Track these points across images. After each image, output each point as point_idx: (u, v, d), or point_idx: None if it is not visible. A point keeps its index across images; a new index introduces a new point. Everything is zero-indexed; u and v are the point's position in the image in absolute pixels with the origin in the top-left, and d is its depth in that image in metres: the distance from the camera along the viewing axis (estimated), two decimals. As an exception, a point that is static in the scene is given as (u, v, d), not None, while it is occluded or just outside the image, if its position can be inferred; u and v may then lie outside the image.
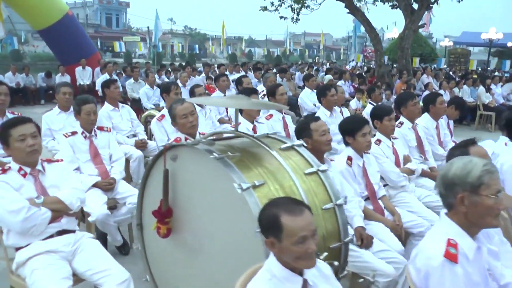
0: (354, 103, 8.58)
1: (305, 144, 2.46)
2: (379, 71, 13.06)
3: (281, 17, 16.16)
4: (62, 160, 2.87)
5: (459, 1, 14.45)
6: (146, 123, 5.93)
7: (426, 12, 15.15)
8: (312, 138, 2.88)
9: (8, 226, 2.45)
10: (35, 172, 2.63)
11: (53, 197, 2.55)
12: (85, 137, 3.88)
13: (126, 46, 37.33)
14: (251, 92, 4.26)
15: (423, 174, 4.35)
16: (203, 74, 11.47)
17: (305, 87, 7.83)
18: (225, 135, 2.62)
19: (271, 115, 4.67)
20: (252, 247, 1.92)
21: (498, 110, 10.87)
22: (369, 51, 41.95)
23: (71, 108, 5.00)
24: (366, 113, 6.52)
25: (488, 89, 11.23)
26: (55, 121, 4.91)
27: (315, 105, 7.86)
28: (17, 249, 2.52)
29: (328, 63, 29.73)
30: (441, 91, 11.44)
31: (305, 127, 2.93)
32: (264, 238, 1.74)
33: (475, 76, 14.20)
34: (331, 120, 5.34)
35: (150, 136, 5.88)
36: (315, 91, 8.15)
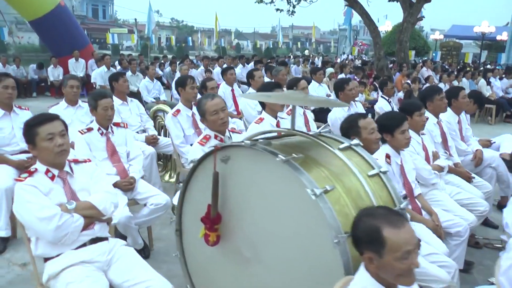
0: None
1: (361, 144, 2.27)
2: (378, 64, 12.94)
3: (277, 10, 15.96)
4: (90, 160, 2.63)
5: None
6: (155, 117, 5.68)
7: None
8: (360, 136, 2.70)
9: (39, 234, 2.22)
10: (63, 175, 2.40)
11: (86, 202, 2.33)
12: (101, 133, 3.64)
13: (114, 38, 36.71)
14: (275, 86, 4.04)
15: (449, 170, 4.23)
16: (201, 67, 11.21)
17: (312, 81, 7.64)
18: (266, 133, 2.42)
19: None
20: (327, 259, 1.73)
21: (498, 103, 10.87)
22: (360, 43, 42.12)
23: (79, 102, 4.77)
24: (379, 107, 6.39)
25: (488, 82, 11.20)
26: (63, 116, 4.57)
27: (323, 99, 7.71)
28: (46, 259, 2.30)
29: (321, 56, 29.62)
30: (441, 84, 11.40)
31: (353, 125, 2.75)
32: (342, 249, 1.55)
33: (468, 69, 14.22)
34: (348, 114, 5.18)
35: (159, 131, 5.65)
36: (323, 85, 8.06)
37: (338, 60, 25.83)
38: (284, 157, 1.83)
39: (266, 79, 9.10)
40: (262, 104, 4.08)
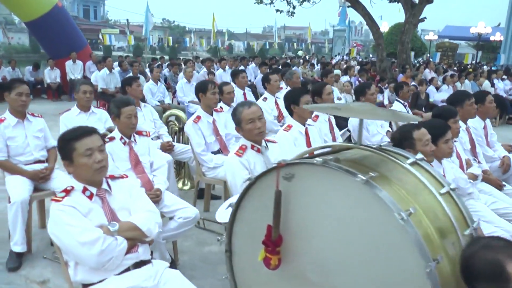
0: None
1: (425, 158, 2.12)
2: (381, 65, 12.85)
3: (277, 11, 15.83)
4: (126, 176, 2.44)
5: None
6: (168, 123, 5.49)
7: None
8: (415, 148, 2.54)
9: (80, 259, 2.02)
10: (102, 193, 2.21)
11: (128, 223, 2.14)
12: (124, 143, 3.44)
13: (105, 39, 36.20)
14: (302, 91, 3.88)
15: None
16: (204, 69, 11.00)
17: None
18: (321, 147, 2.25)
19: (317, 116, 4.31)
20: (414, 289, 1.57)
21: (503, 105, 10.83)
22: (354, 44, 42.15)
23: (91, 108, 4.56)
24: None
25: (492, 84, 11.17)
26: (75, 123, 4.37)
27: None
28: (86, 285, 2.10)
29: (315, 57, 29.49)
30: (444, 86, 11.34)
31: (407, 136, 2.59)
32: (434, 279, 1.40)
33: (470, 70, 14.21)
34: (370, 120, 5.04)
35: (172, 138, 5.46)
36: (334, 88, 7.90)
37: (333, 61, 25.77)
38: (364, 176, 1.66)
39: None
40: (290, 110, 3.91)
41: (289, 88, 6.29)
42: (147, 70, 12.69)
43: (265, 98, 5.77)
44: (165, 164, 3.66)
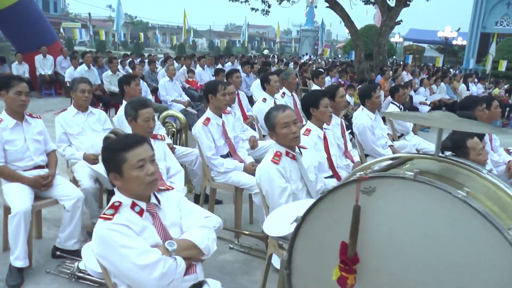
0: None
1: (493, 170, 2.05)
2: (359, 67, 12.97)
3: (252, 9, 15.70)
4: (172, 188, 2.22)
5: (427, 0, 14.79)
6: (165, 124, 5.23)
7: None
8: (468, 157, 2.47)
9: (139, 284, 1.79)
10: (152, 208, 1.99)
11: (186, 241, 1.94)
12: (142, 147, 3.19)
13: (66, 33, 34.75)
14: (321, 94, 3.75)
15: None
16: (184, 67, 10.69)
17: (314, 85, 7.42)
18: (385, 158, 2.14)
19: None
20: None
21: (477, 108, 11.19)
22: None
23: (89, 108, 4.26)
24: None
25: (467, 88, 11.52)
26: (72, 124, 4.12)
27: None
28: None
29: (281, 56, 29.56)
30: (421, 88, 11.59)
31: (461, 145, 2.52)
32: None
33: (447, 74, 14.61)
34: (375, 123, 5.00)
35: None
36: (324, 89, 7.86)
37: (301, 61, 25.93)
38: (463, 192, 1.55)
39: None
40: (308, 114, 3.79)
41: (285, 88, 6.18)
42: (120, 67, 12.28)
43: (265, 99, 5.62)
44: (182, 170, 3.46)
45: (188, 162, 4.69)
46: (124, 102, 4.71)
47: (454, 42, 28.85)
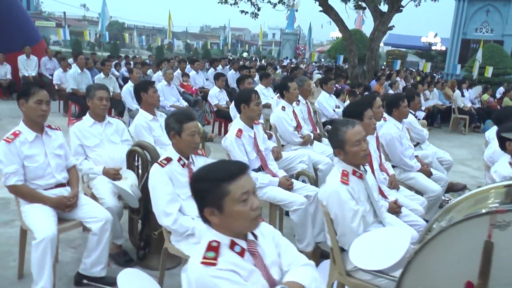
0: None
1: None
2: (353, 72, 12.87)
3: (242, 12, 15.38)
4: (262, 219, 1.92)
5: (416, 6, 14.86)
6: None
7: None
8: None
9: None
10: (252, 247, 1.69)
11: (296, 285, 1.66)
12: (183, 165, 2.88)
13: (40, 32, 33.43)
14: (366, 105, 3.51)
15: None
16: (178, 71, 10.31)
17: (322, 91, 7.21)
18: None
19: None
20: None
21: (470, 113, 11.26)
22: (302, 48, 42.72)
23: (107, 117, 3.90)
24: (408, 122, 5.98)
25: (462, 94, 11.56)
26: (89, 135, 3.74)
27: (334, 110, 7.33)
28: None
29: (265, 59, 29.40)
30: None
31: None
32: None
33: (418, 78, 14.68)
34: (402, 133, 4.80)
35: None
36: (332, 95, 7.65)
37: (283, 64, 25.79)
38: None
39: (261, 87, 8.55)
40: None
41: (300, 96, 5.92)
42: (114, 69, 11.78)
43: (283, 107, 5.33)
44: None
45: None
46: (140, 110, 4.38)
47: (433, 48, 29.38)
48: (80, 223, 3.12)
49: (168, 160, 2.82)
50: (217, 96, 8.44)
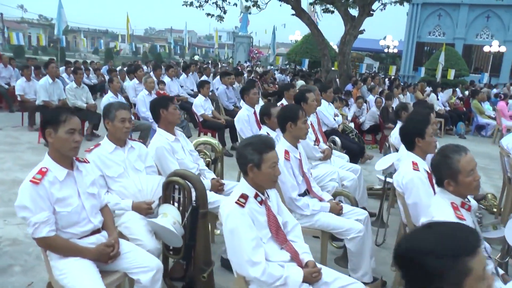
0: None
1: None
2: (327, 76, 12.74)
3: (208, 14, 14.87)
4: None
5: (382, 10, 15.03)
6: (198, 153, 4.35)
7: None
8: None
9: None
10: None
11: None
12: (260, 202, 2.42)
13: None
14: (427, 120, 3.20)
15: None
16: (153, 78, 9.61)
17: (322, 100, 6.90)
18: None
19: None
20: None
21: (445, 116, 11.47)
22: (256, 51, 42.52)
23: (128, 141, 3.34)
24: (396, 137, 5.57)
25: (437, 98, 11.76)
26: (111, 163, 3.17)
27: (334, 119, 7.06)
28: None
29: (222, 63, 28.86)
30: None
31: None
32: None
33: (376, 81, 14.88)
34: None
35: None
36: (331, 103, 7.37)
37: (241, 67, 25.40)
38: None
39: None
40: (411, 144, 3.23)
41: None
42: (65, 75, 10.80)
43: (302, 120, 4.96)
44: (298, 224, 2.70)
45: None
46: (159, 129, 3.82)
47: (386, 50, 30.21)
48: (124, 275, 2.57)
49: (245, 197, 2.34)
50: (202, 106, 7.89)
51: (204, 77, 12.41)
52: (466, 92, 15.97)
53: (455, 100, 13.32)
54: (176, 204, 3.15)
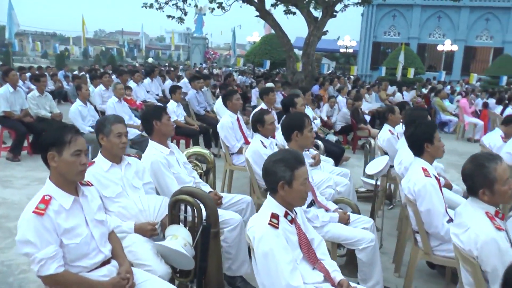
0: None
1: None
2: (294, 78, 12.72)
3: (169, 16, 14.48)
4: None
5: (342, 11, 15.25)
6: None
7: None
8: None
9: None
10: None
11: None
12: (291, 221, 2.27)
13: None
14: (435, 126, 3.17)
15: None
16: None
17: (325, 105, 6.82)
18: None
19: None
20: None
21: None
22: (212, 52, 42.21)
23: (125, 157, 3.09)
24: (383, 139, 5.56)
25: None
26: (108, 183, 2.93)
27: (314, 123, 6.99)
28: None
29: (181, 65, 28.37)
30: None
31: None
32: None
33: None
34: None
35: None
36: (308, 106, 7.30)
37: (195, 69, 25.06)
38: None
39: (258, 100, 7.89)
40: (421, 150, 3.20)
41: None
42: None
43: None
44: (323, 240, 2.56)
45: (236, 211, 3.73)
46: (152, 142, 3.57)
47: (342, 50, 30.84)
48: (141, 310, 2.33)
49: (277, 217, 2.18)
50: (175, 112, 7.59)
51: (168, 81, 12.10)
52: (423, 90, 16.57)
53: (416, 98, 13.75)
54: (181, 224, 2.94)
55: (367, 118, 10.74)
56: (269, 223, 2.12)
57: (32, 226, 2.03)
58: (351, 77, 19.15)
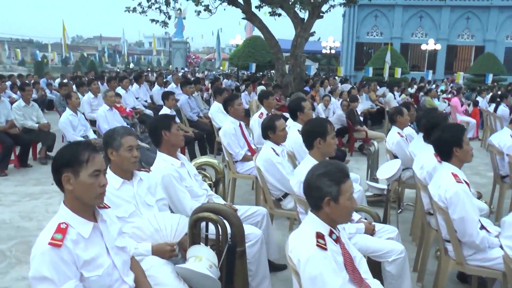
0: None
1: None
2: (283, 80, 12.55)
3: (152, 21, 14.17)
4: None
5: (327, 12, 15.17)
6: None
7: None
8: None
9: None
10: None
11: None
12: (335, 240, 2.07)
13: None
14: (463, 129, 3.01)
15: None
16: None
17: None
18: None
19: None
20: None
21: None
22: (193, 56, 41.87)
23: (136, 173, 2.85)
24: (392, 142, 5.37)
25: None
26: (120, 201, 2.70)
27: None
28: None
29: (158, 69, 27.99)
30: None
31: None
32: None
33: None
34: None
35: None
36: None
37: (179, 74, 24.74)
38: None
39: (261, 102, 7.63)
40: (447, 154, 3.04)
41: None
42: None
43: (300, 131, 4.64)
44: (363, 257, 2.36)
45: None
46: (161, 154, 3.32)
47: (324, 51, 30.87)
48: None
49: (322, 237, 1.97)
50: (169, 119, 7.32)
51: (156, 87, 11.79)
52: (409, 89, 16.63)
53: (406, 97, 13.74)
54: (201, 243, 2.71)
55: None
56: (318, 245, 1.91)
57: (48, 260, 1.77)
58: (337, 78, 19.13)
